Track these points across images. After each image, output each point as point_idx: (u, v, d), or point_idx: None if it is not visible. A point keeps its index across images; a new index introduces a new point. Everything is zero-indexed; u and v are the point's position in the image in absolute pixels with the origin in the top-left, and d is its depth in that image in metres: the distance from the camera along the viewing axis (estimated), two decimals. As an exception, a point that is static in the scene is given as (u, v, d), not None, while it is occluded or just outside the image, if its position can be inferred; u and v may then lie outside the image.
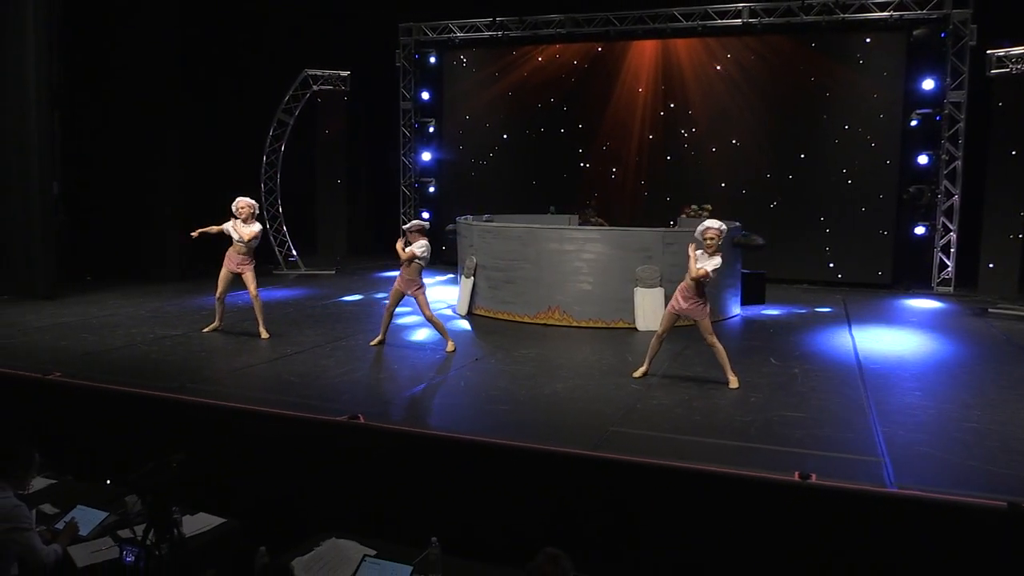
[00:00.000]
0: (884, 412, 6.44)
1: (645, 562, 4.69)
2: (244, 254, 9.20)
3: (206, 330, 9.40)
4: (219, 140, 14.98)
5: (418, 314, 9.08)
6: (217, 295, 9.34)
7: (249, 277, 9.17)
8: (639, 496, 5.01)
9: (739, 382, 7.24)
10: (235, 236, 9.18)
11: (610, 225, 13.62)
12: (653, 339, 7.61)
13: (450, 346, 8.61)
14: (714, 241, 7.24)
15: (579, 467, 5.20)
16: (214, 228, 9.27)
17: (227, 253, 9.25)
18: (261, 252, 10.53)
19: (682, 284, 7.44)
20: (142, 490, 4.20)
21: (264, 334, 9.17)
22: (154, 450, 4.26)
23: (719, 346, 7.30)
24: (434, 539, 4.31)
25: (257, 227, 9.28)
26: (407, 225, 8.92)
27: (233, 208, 9.23)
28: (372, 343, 8.81)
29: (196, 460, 4.42)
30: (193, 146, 14.48)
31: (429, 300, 8.82)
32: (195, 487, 4.72)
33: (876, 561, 4.50)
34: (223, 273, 9.24)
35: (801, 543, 4.64)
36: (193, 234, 9.28)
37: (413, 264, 8.58)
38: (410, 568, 4.20)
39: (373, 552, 4.40)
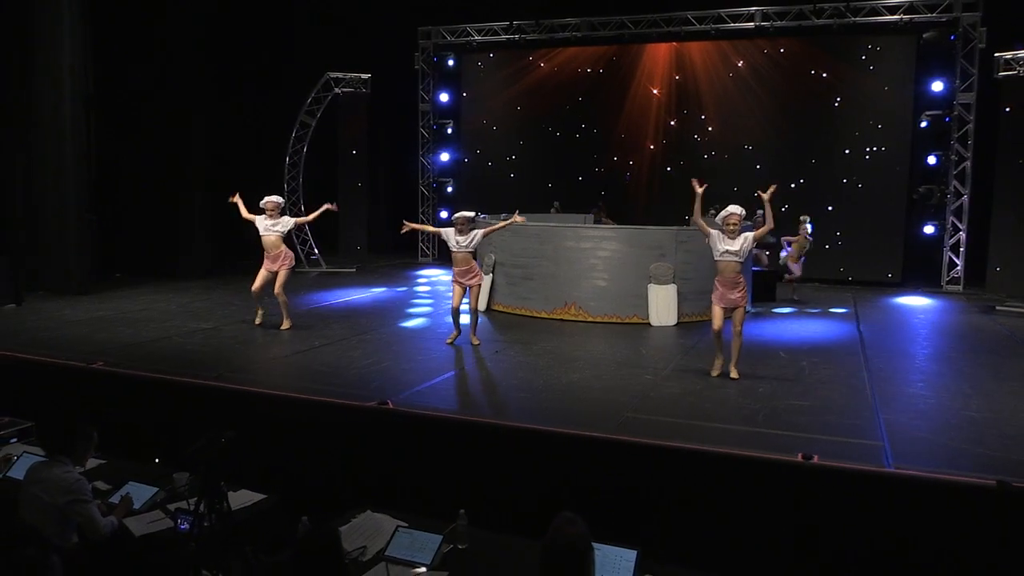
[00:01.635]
0: (887, 402, 6.75)
1: (658, 536, 5.01)
2: (278, 249, 9.56)
3: (258, 322, 9.76)
4: (245, 141, 15.44)
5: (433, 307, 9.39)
6: (253, 289, 9.68)
7: (282, 274, 9.54)
8: (652, 476, 5.35)
9: (739, 375, 7.56)
10: (263, 227, 9.55)
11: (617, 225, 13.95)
12: (713, 335, 7.77)
13: (475, 340, 8.96)
14: (736, 226, 7.62)
15: (597, 449, 5.54)
16: (244, 210, 9.67)
17: (266, 253, 9.64)
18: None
19: (721, 278, 7.65)
20: (196, 463, 4.54)
21: (286, 324, 9.59)
22: (195, 435, 4.56)
23: (741, 339, 7.64)
24: (461, 511, 4.66)
25: (286, 219, 9.70)
26: (463, 216, 8.97)
27: (262, 205, 9.64)
28: (448, 342, 8.97)
29: (240, 440, 4.77)
30: (220, 147, 14.93)
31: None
32: (237, 467, 5.08)
33: (873, 535, 4.81)
34: (261, 272, 9.63)
35: (803, 519, 4.97)
36: (233, 199, 9.70)
37: (469, 253, 8.86)
38: (440, 538, 4.54)
39: (406, 524, 4.75)
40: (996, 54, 13.37)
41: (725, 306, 7.67)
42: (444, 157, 18.29)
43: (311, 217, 10.25)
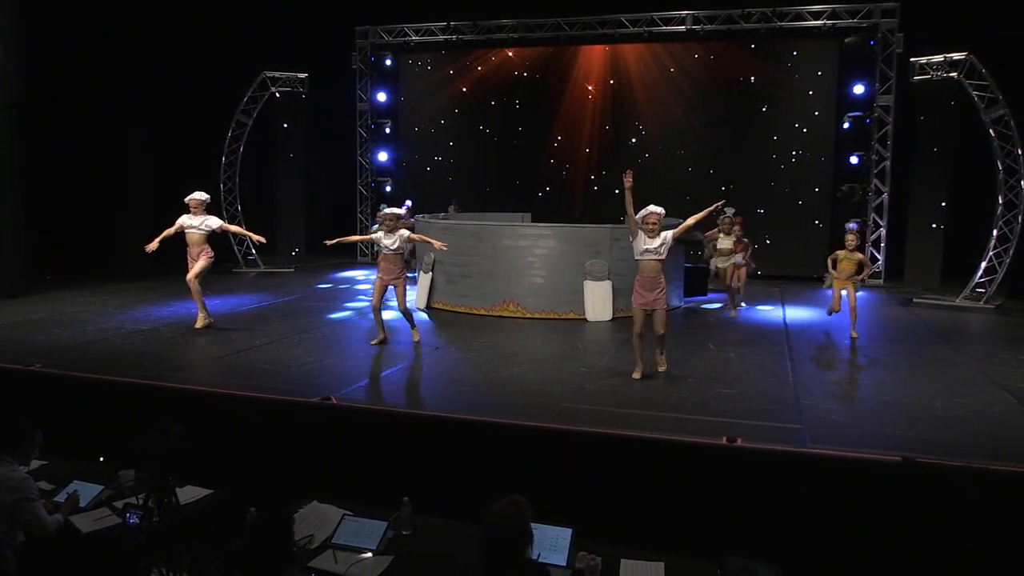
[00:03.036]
0: (807, 388, 7.16)
1: (592, 515, 5.28)
2: (200, 247, 9.63)
3: (199, 326, 9.66)
4: (181, 141, 15.28)
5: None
6: (188, 278, 9.67)
7: (200, 263, 9.61)
8: (586, 460, 5.62)
9: (666, 367, 7.84)
10: (187, 224, 9.60)
11: None
12: (634, 338, 7.69)
13: (416, 336, 9.11)
14: (656, 225, 7.60)
15: (534, 437, 5.78)
16: (167, 233, 9.64)
17: (188, 250, 9.70)
18: (220, 251, 11.07)
19: (640, 278, 7.63)
20: (145, 457, 4.62)
21: (200, 323, 9.64)
22: (139, 434, 4.62)
23: (666, 336, 7.82)
24: (405, 498, 4.86)
25: (213, 219, 9.74)
26: (389, 212, 8.97)
27: (186, 201, 9.67)
28: (373, 342, 8.94)
29: (186, 437, 4.86)
30: (156, 147, 14.79)
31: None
32: (183, 463, 5.17)
33: (791, 509, 5.16)
34: (189, 263, 9.69)
35: (728, 496, 5.30)
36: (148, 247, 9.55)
37: (395, 254, 8.87)
38: (385, 524, 4.73)
39: (351, 513, 4.92)
40: (912, 59, 14.03)
41: (643, 307, 7.61)
42: (382, 157, 18.37)
43: (238, 230, 10.68)
